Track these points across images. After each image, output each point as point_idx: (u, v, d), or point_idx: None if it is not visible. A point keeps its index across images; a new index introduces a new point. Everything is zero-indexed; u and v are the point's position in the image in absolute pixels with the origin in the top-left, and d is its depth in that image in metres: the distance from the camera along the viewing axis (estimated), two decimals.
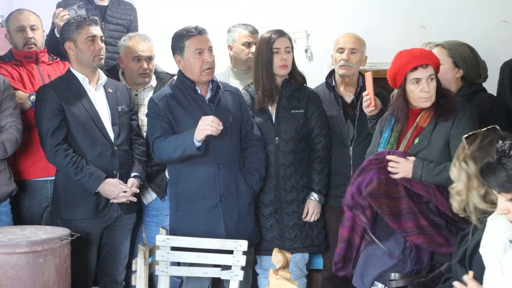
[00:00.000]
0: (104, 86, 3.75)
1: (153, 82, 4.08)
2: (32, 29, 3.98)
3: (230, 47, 4.29)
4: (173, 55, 3.58)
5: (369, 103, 3.57)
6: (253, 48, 4.23)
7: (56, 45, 4.04)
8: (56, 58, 4.09)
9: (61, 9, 4.25)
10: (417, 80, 3.19)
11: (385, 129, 3.33)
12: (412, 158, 3.13)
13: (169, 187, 3.76)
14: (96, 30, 3.69)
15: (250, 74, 4.34)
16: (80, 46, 3.66)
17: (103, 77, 3.77)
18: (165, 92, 3.58)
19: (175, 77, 3.94)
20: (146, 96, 4.04)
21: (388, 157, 3.16)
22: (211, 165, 3.51)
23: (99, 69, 3.78)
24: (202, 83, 3.56)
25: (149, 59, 4.02)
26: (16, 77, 3.88)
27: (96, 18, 3.76)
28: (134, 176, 3.72)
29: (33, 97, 3.79)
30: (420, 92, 3.19)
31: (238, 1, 5.28)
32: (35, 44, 3.98)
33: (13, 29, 3.98)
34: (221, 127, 3.34)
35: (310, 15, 5.29)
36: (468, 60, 3.58)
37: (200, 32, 3.51)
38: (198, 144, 3.36)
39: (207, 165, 3.51)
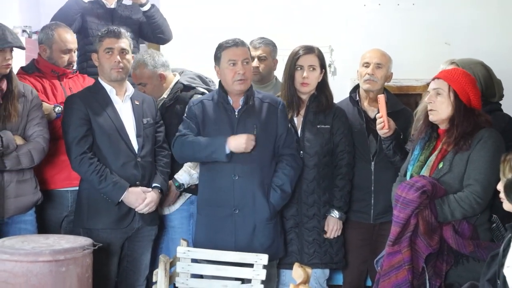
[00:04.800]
0: (131, 98, 3.79)
1: (165, 94, 4.06)
2: (74, 52, 4.11)
3: None
4: (214, 65, 3.67)
5: (382, 125, 3.59)
6: (255, 62, 4.31)
7: None
8: (76, 72, 4.18)
9: None
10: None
11: (416, 146, 3.32)
12: None
13: None
14: (116, 43, 3.70)
15: (270, 87, 4.39)
16: (100, 58, 3.73)
17: (130, 89, 3.81)
18: (203, 98, 3.71)
19: (199, 88, 3.99)
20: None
21: None
22: (228, 174, 3.55)
23: (127, 81, 3.82)
24: (235, 93, 3.61)
25: (142, 84, 4.03)
26: (40, 89, 3.93)
27: (120, 30, 3.77)
28: (154, 187, 3.74)
29: (58, 108, 3.85)
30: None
31: (264, 17, 5.33)
32: (73, 66, 4.12)
33: (58, 48, 4.02)
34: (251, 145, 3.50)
35: (334, 30, 5.31)
36: (482, 78, 3.55)
37: (236, 44, 3.59)
38: (228, 151, 3.47)
39: (224, 174, 3.56)
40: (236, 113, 3.60)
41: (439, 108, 3.18)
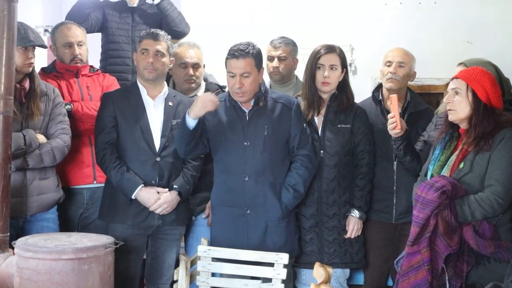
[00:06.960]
0: (165, 98, 3.82)
1: (200, 92, 4.09)
2: (79, 45, 4.09)
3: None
4: None
5: (394, 125, 3.55)
6: (275, 62, 4.28)
7: None
8: (97, 70, 4.21)
9: None
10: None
11: (437, 146, 3.30)
12: None
13: None
14: (152, 45, 3.75)
15: (290, 87, 4.39)
16: (137, 57, 3.82)
17: (164, 90, 3.84)
18: (220, 98, 3.70)
19: (225, 89, 4.01)
20: None
21: None
22: (238, 175, 3.57)
23: (164, 82, 3.87)
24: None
25: (196, 66, 4.07)
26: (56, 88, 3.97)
27: (159, 33, 3.81)
28: (173, 189, 3.74)
29: (68, 106, 3.88)
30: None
31: (284, 16, 5.32)
32: (81, 60, 4.10)
33: (60, 44, 4.07)
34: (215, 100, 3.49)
35: (355, 29, 5.29)
36: None
37: (236, 56, 3.52)
38: (192, 123, 3.49)
39: (234, 175, 3.58)
40: (247, 114, 3.61)
41: (457, 107, 3.16)
